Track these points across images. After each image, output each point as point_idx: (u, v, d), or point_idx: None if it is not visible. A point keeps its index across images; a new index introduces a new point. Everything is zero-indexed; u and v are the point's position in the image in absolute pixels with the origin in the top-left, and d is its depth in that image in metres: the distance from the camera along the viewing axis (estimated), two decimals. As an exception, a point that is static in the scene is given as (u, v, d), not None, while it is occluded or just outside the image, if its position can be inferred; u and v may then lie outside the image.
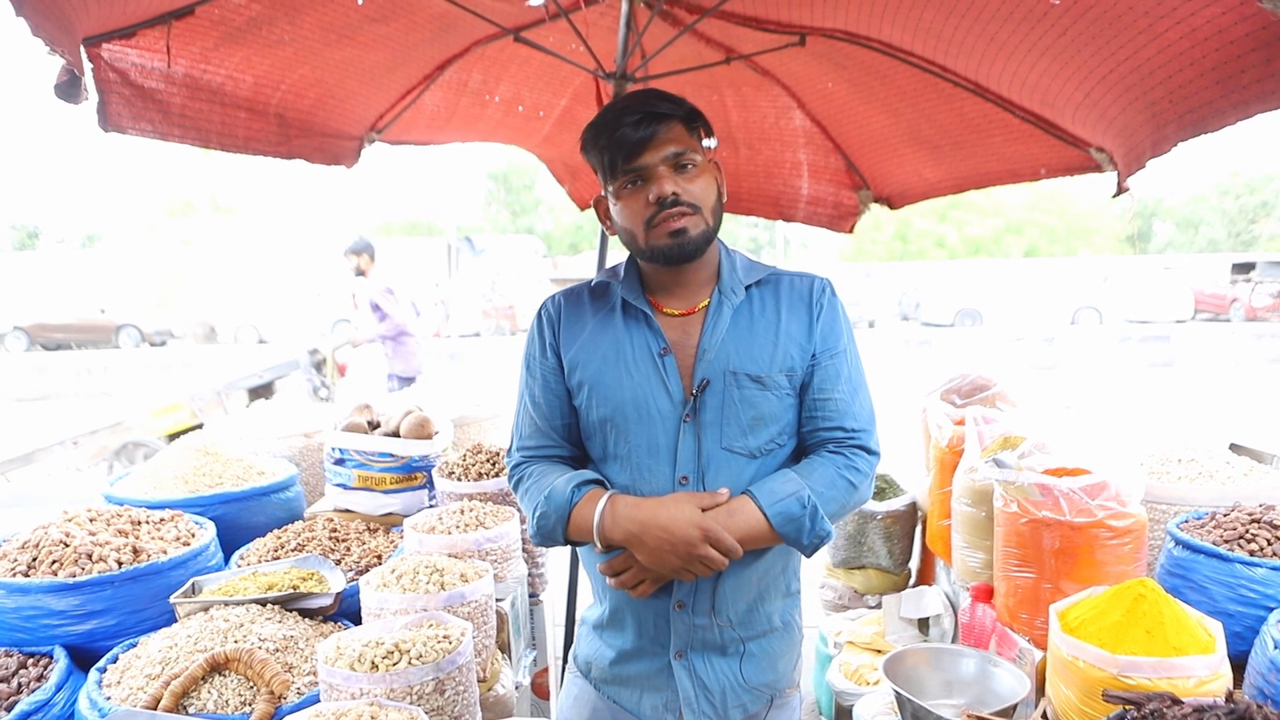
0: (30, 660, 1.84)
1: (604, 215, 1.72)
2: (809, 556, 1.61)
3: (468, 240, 29.23)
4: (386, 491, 2.67)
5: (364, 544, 2.42)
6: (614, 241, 3.01)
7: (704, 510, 1.50)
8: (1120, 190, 2.19)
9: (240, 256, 27.43)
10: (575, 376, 1.66)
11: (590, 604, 1.82)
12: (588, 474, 1.61)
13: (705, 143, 1.63)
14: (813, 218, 3.64)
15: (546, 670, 2.63)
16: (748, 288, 1.67)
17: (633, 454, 1.60)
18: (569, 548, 2.98)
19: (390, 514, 2.66)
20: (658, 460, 1.58)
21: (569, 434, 1.72)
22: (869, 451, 1.62)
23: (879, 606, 3.06)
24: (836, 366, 1.63)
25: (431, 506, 2.62)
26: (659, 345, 1.62)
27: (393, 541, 2.46)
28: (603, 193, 1.66)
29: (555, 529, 1.59)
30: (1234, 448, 2.55)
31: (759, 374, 1.58)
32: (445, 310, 22.50)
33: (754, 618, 1.66)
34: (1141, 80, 1.82)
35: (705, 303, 1.65)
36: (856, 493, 1.59)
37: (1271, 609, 1.70)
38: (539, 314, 1.75)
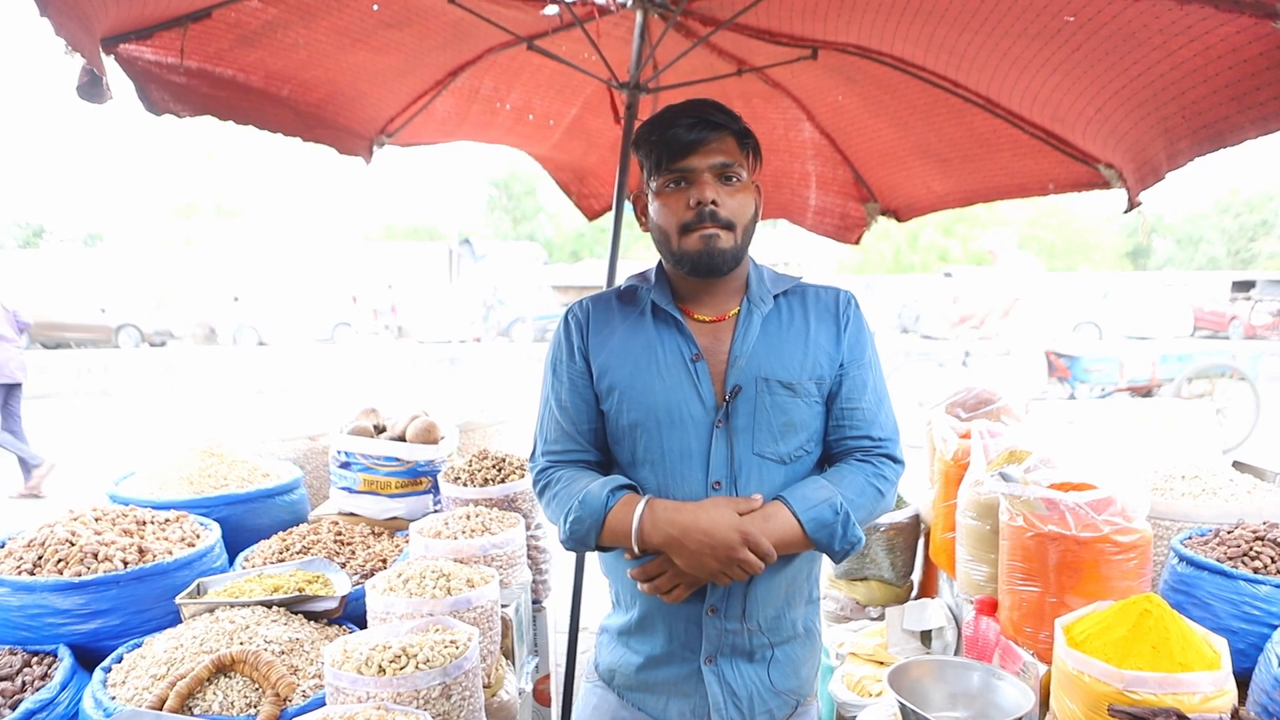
0: (34, 659, 1.83)
1: (641, 211, 1.72)
2: (838, 563, 1.63)
3: (468, 245, 29.27)
4: (392, 496, 2.67)
5: (369, 548, 2.42)
6: (624, 250, 3.03)
7: (740, 515, 1.51)
8: (1132, 205, 2.20)
9: (242, 259, 27.45)
10: (605, 381, 1.66)
11: (610, 612, 1.82)
12: (621, 479, 1.61)
13: (752, 165, 1.65)
14: (819, 227, 3.66)
15: (548, 677, 2.63)
16: (775, 297, 1.69)
17: (665, 459, 1.61)
18: (574, 556, 2.99)
19: (395, 518, 2.66)
20: (690, 465, 1.59)
21: (595, 439, 1.72)
22: (895, 460, 1.64)
23: (881, 618, 3.06)
24: (863, 376, 1.66)
25: (436, 511, 2.62)
26: (691, 351, 1.63)
27: (398, 546, 2.46)
28: (643, 189, 1.68)
29: (589, 534, 1.58)
30: (1237, 465, 2.56)
31: (790, 380, 1.60)
32: (393, 316, 22.47)
33: (781, 623, 1.67)
34: (1154, 96, 1.83)
35: (735, 310, 1.67)
36: (884, 500, 1.62)
37: (1275, 626, 1.70)
38: (566, 318, 1.75)
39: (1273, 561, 1.83)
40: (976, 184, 3.01)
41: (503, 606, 2.12)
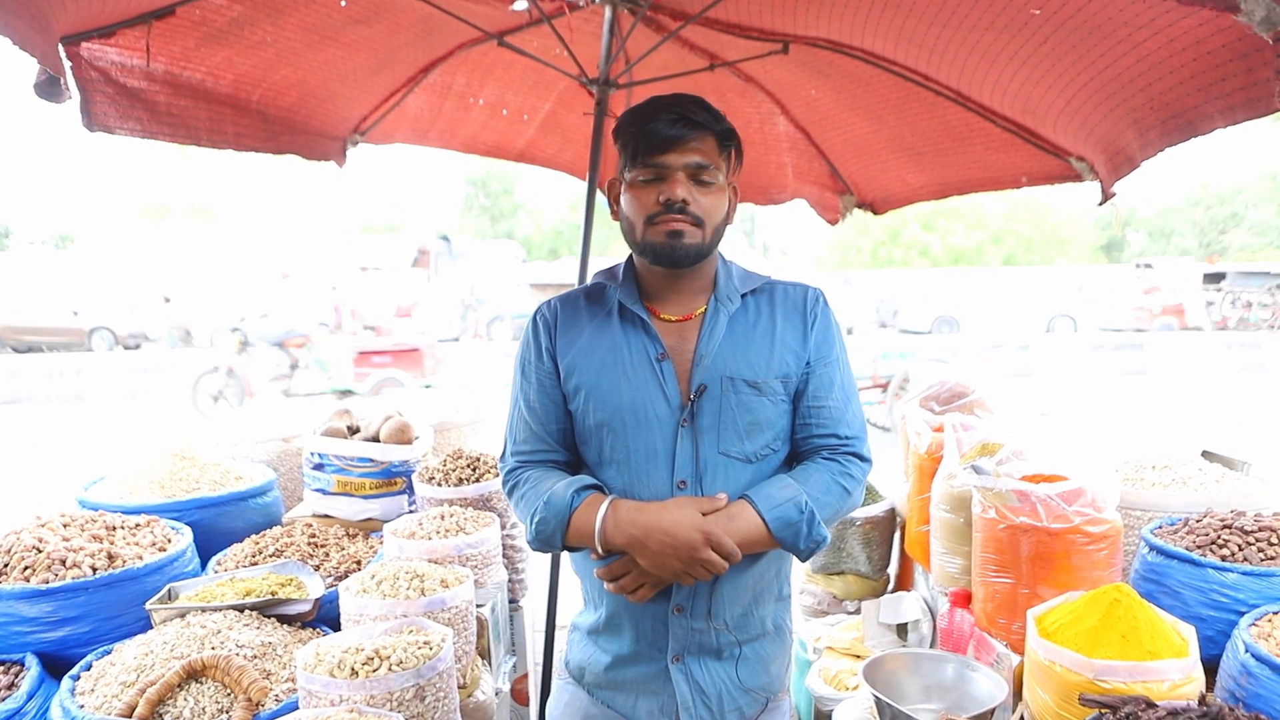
0: (1, 668, 1.80)
1: (614, 199, 1.72)
2: (804, 561, 1.63)
3: (446, 242, 29.12)
4: (366, 497, 2.65)
5: (343, 549, 2.40)
6: (601, 247, 3.02)
7: (704, 515, 1.51)
8: (1106, 197, 2.22)
9: (217, 259, 27.16)
10: (572, 381, 1.66)
11: (581, 610, 1.82)
12: (586, 479, 1.61)
13: (730, 166, 1.65)
14: (800, 195, 3.66)
15: (526, 676, 2.62)
16: (743, 296, 1.69)
17: (630, 458, 1.60)
18: (549, 554, 2.99)
19: (370, 519, 2.64)
20: (655, 465, 1.59)
21: (564, 439, 1.72)
22: (862, 458, 1.65)
23: (858, 612, 3.07)
24: (830, 374, 1.66)
25: (411, 512, 2.60)
26: (656, 350, 1.63)
27: (372, 547, 2.44)
28: (619, 177, 1.67)
29: (554, 534, 1.58)
30: (1206, 455, 2.59)
31: (755, 380, 1.60)
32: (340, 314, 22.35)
33: (749, 621, 1.67)
34: (1122, 88, 1.85)
35: (702, 309, 1.67)
36: (850, 498, 1.62)
37: (1242, 613, 1.72)
38: (534, 318, 1.75)
39: (1240, 549, 1.86)
40: (950, 177, 3.03)
41: (478, 606, 2.11)
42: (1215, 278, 24.11)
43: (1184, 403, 12.81)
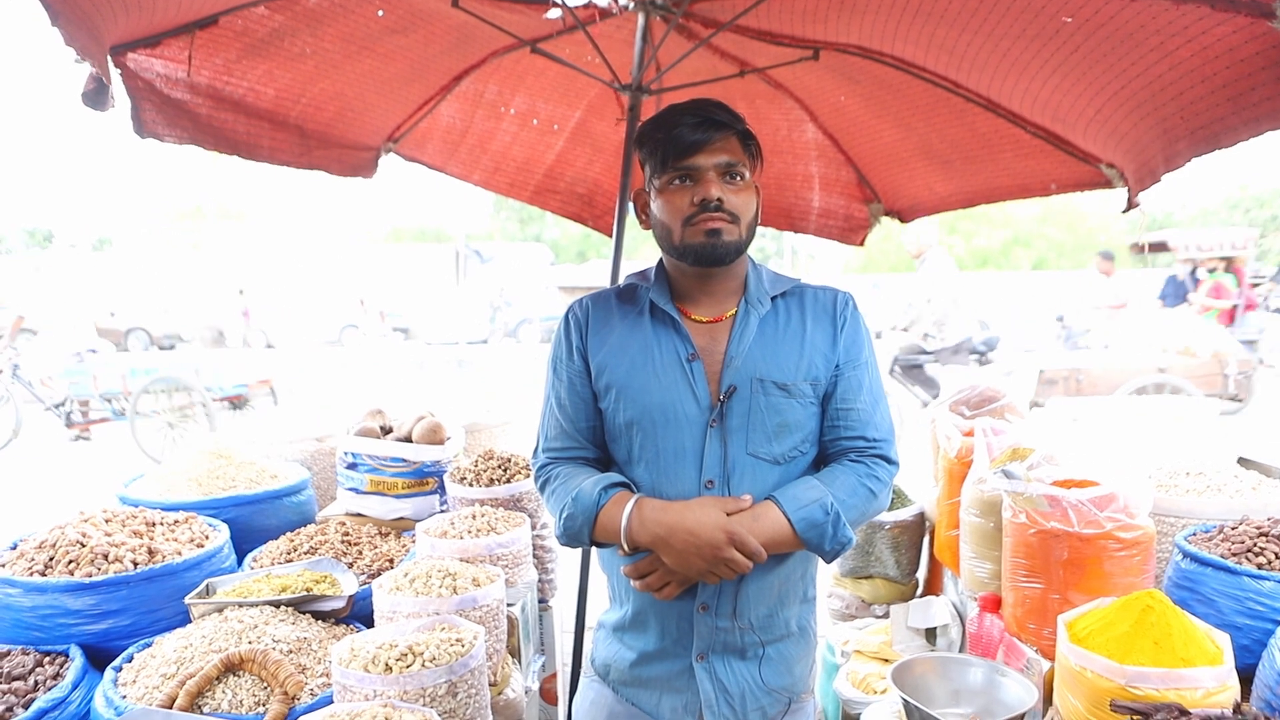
0: (46, 659, 1.85)
1: (642, 209, 1.73)
2: (829, 563, 1.63)
3: (476, 252, 29.32)
4: (398, 496, 2.69)
5: (376, 548, 2.44)
6: (630, 250, 3.05)
7: (729, 515, 1.52)
8: (1131, 205, 2.20)
9: (248, 261, 27.54)
10: (603, 379, 1.68)
11: (608, 608, 1.84)
12: (614, 476, 1.64)
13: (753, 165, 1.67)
14: (824, 230, 3.66)
15: (554, 676, 2.65)
16: (773, 298, 1.70)
17: (659, 457, 1.62)
18: (580, 554, 3.01)
19: (402, 518, 2.68)
20: (684, 464, 1.61)
21: (594, 436, 1.74)
22: (889, 461, 1.65)
23: (886, 616, 3.06)
24: (859, 377, 1.67)
25: (443, 511, 2.63)
26: (687, 350, 1.64)
27: (404, 546, 2.48)
28: (645, 187, 1.69)
29: (582, 531, 1.61)
30: (1242, 461, 2.56)
31: (785, 382, 1.61)
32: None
33: (773, 622, 1.68)
34: (1153, 97, 1.84)
35: (732, 311, 1.68)
36: (876, 501, 1.62)
37: (1279, 622, 1.71)
38: (566, 317, 1.77)
39: (1277, 558, 1.83)
40: (979, 184, 3.02)
41: (509, 605, 2.13)
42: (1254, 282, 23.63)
43: (1219, 408, 12.56)
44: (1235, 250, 11.00)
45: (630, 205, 1.84)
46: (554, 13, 2.59)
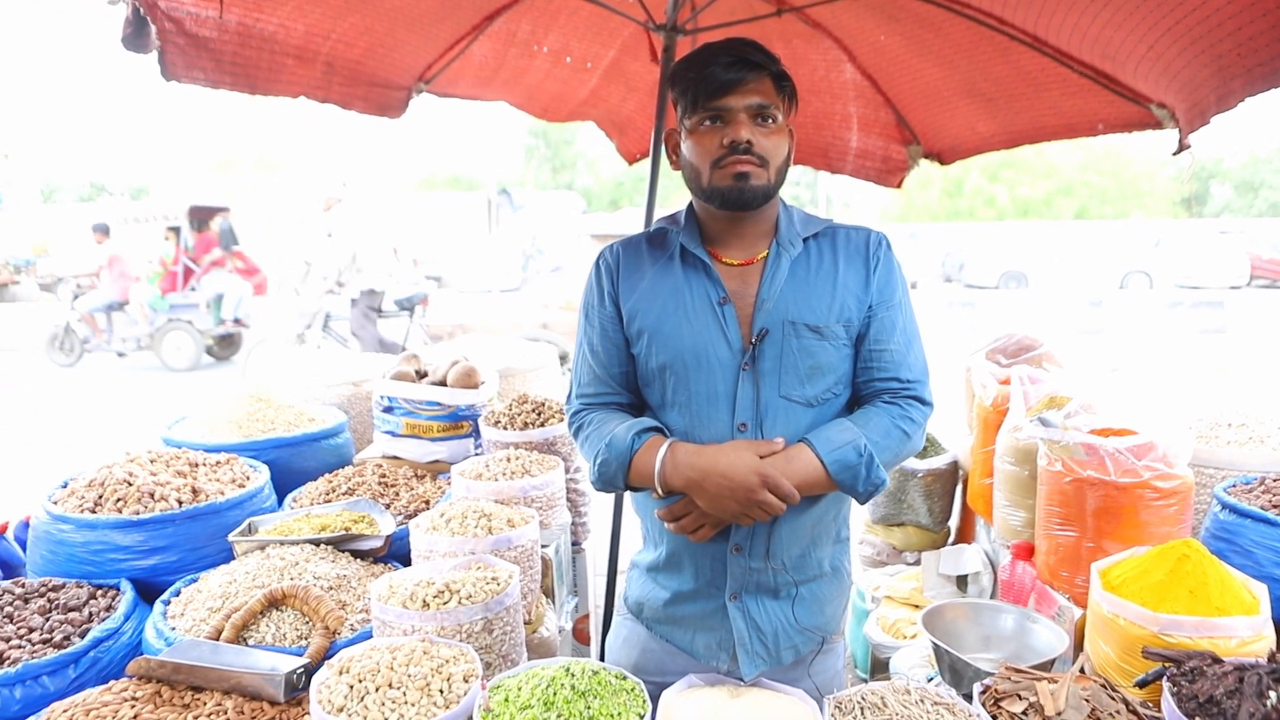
0: (99, 592, 1.92)
1: (673, 149, 1.72)
2: (863, 504, 1.63)
3: (506, 195, 29.21)
4: (434, 439, 2.72)
5: (412, 489, 2.48)
6: (662, 198, 3.02)
7: (762, 457, 1.52)
8: (1181, 148, 2.13)
9: (283, 210, 27.68)
10: (634, 324, 1.68)
11: (641, 549, 1.86)
12: (647, 421, 1.64)
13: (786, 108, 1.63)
14: (861, 171, 3.59)
15: (587, 617, 2.69)
16: (805, 240, 1.68)
17: (692, 401, 1.62)
18: (613, 498, 3.04)
19: (437, 461, 2.72)
20: (716, 407, 1.61)
21: (627, 381, 1.75)
22: (923, 402, 1.64)
23: (917, 563, 3.07)
24: (892, 318, 1.65)
25: (478, 454, 2.67)
26: (718, 294, 1.63)
27: (440, 487, 2.52)
28: (677, 127, 1.67)
29: (616, 475, 1.62)
30: (1287, 413, 2.51)
31: (817, 324, 1.59)
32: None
33: (806, 562, 1.69)
34: (1209, 33, 1.76)
35: (764, 254, 1.66)
36: (910, 442, 1.61)
37: (1319, 573, 1.69)
38: (597, 263, 1.77)
39: (1319, 509, 1.81)
40: (1023, 124, 2.93)
41: (543, 547, 2.16)
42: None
43: (1266, 363, 12.32)
44: None
45: (663, 147, 1.81)
46: (587, -51, 2.53)
